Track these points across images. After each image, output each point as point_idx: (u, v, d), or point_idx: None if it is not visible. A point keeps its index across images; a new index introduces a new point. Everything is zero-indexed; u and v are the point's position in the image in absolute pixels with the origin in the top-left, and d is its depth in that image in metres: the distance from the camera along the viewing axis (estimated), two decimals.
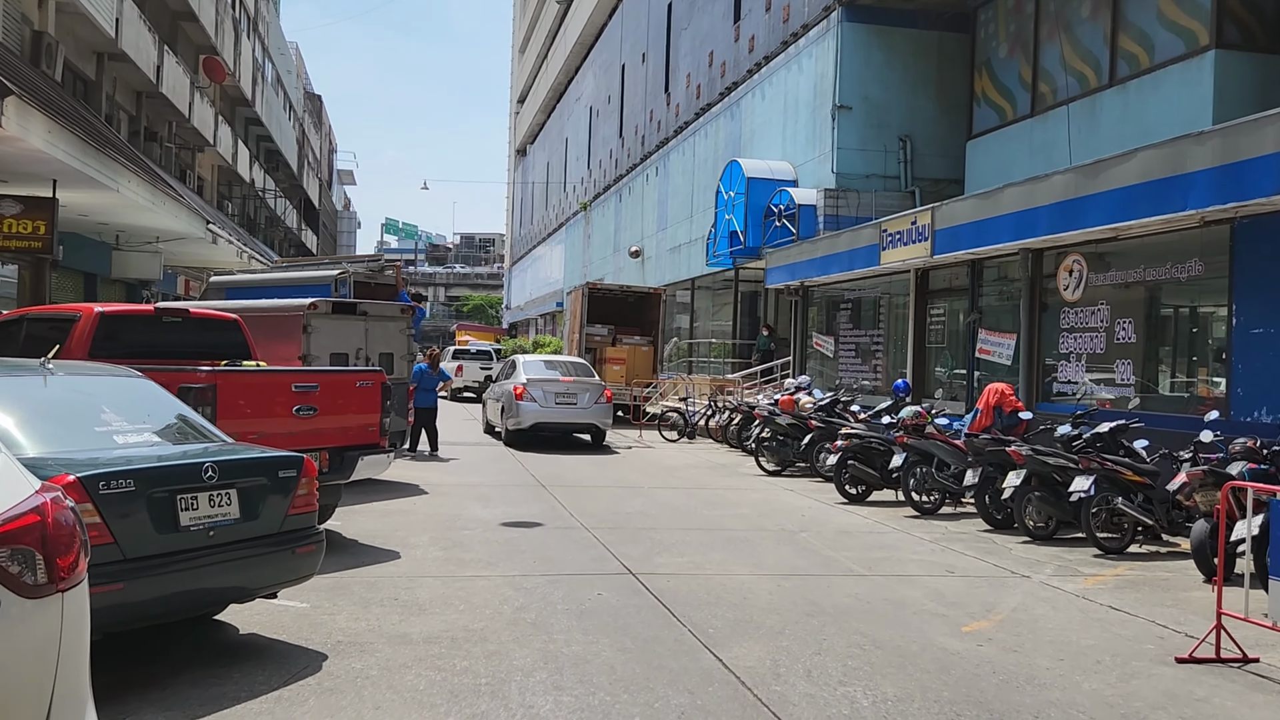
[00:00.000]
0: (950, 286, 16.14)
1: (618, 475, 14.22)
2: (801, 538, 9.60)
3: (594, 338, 25.09)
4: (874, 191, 21.81)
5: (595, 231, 46.67)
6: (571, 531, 9.49)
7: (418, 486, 12.14)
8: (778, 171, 24.32)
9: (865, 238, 17.26)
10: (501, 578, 7.44)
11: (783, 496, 12.54)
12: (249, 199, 47.58)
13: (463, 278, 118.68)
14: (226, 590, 5.16)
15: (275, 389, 7.78)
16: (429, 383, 16.19)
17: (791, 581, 7.65)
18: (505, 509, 10.69)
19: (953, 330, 16.06)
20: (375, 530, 9.12)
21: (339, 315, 11.65)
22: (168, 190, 20.34)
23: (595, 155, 49.67)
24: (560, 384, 18.11)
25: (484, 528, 9.52)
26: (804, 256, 20.03)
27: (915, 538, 9.84)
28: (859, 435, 12.41)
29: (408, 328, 12.65)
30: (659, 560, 8.27)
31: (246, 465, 5.29)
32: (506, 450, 16.95)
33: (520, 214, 75.95)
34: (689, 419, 20.40)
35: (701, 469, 15.39)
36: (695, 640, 5.96)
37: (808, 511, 11.34)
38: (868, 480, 12.23)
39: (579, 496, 11.80)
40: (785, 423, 15.07)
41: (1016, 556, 9.02)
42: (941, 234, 14.82)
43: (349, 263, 16.65)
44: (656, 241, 35.94)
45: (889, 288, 18.08)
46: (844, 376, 19.22)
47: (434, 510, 10.45)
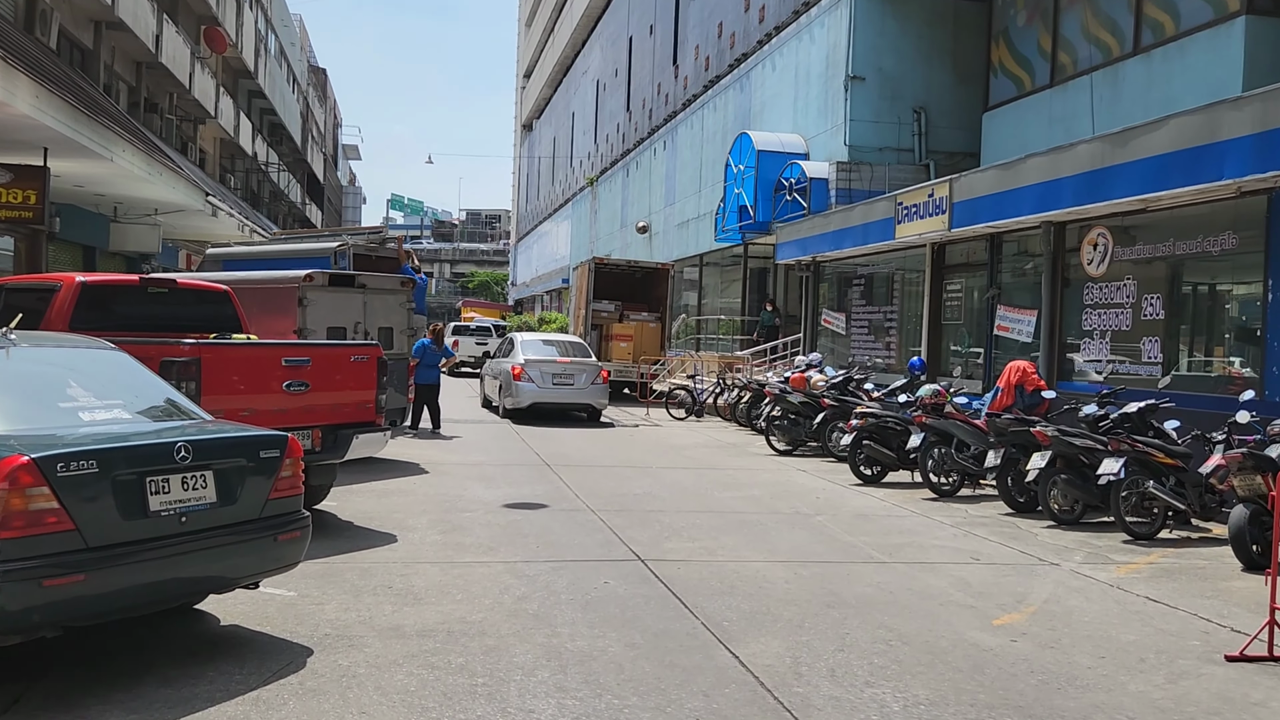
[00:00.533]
0: (968, 261, 15.65)
1: (625, 454, 13.82)
2: (817, 521, 9.20)
3: (600, 314, 24.64)
4: (887, 165, 21.30)
5: (602, 207, 46.11)
6: (577, 514, 9.09)
7: (418, 466, 11.75)
8: (788, 144, 23.78)
9: (880, 211, 16.76)
10: (503, 564, 7.04)
11: (795, 477, 12.13)
12: (252, 173, 47.08)
13: (469, 254, 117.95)
14: (201, 581, 4.76)
15: (264, 364, 7.37)
16: (431, 359, 15.77)
17: (809, 569, 7.25)
18: (508, 489, 10.29)
19: (970, 307, 15.59)
20: (372, 512, 8.74)
21: (336, 288, 11.22)
22: (165, 160, 19.89)
23: (602, 129, 49.04)
24: (558, 364, 18.28)
25: (486, 509, 9.12)
26: (816, 231, 19.54)
27: (935, 522, 9.42)
28: (874, 414, 11.98)
29: (408, 301, 12.22)
30: (669, 546, 7.87)
31: (224, 445, 4.88)
32: (510, 428, 16.56)
33: (526, 190, 75.34)
34: (697, 397, 19.98)
35: (710, 448, 14.99)
36: (709, 634, 5.56)
37: (822, 493, 10.93)
38: (884, 461, 11.81)
39: (585, 476, 11.40)
40: (797, 401, 14.64)
41: (1043, 542, 8.61)
42: (960, 207, 14.32)
43: (349, 235, 16.19)
44: (664, 217, 35.42)
45: (903, 263, 17.59)
46: (856, 354, 18.76)
47: (434, 491, 10.07)
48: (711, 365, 23.12)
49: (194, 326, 8.60)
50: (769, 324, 24.04)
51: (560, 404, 18.31)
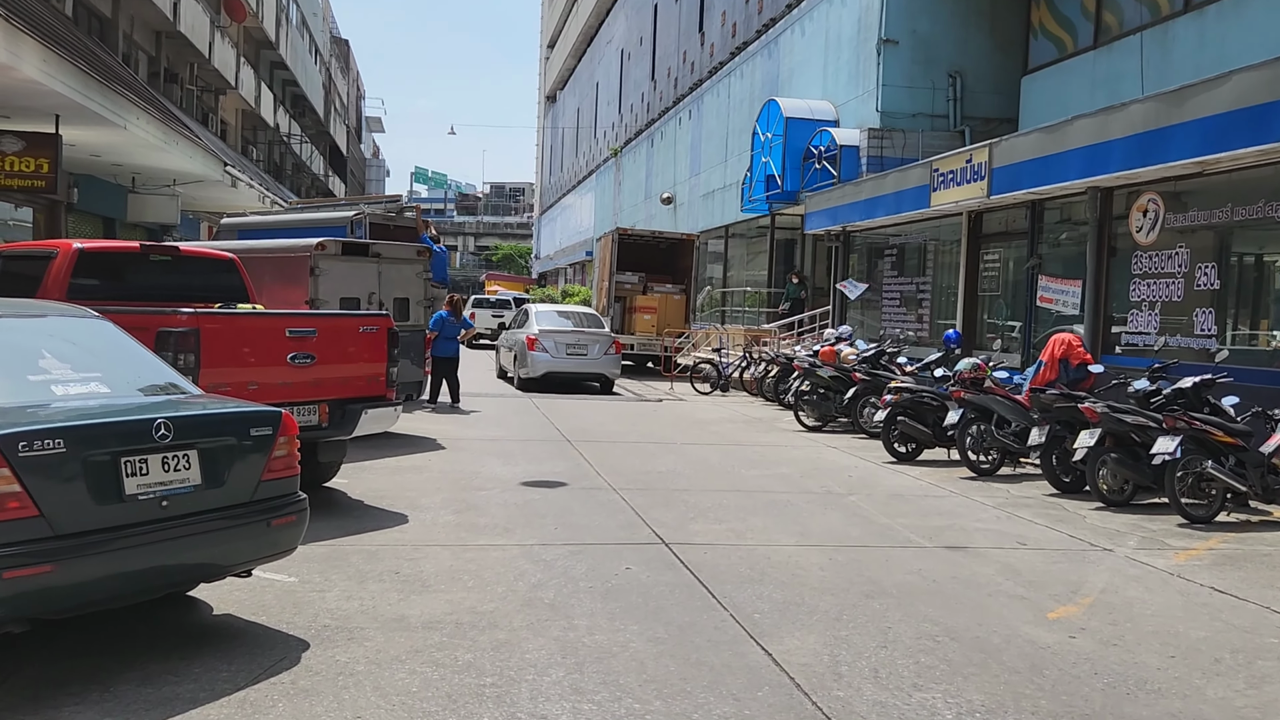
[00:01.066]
0: (1007, 230, 15.02)
1: (648, 430, 13.38)
2: (850, 502, 8.73)
3: (624, 286, 24.17)
4: (921, 131, 20.58)
5: (626, 178, 45.50)
6: (597, 493, 8.67)
7: (435, 441, 11.36)
8: (818, 111, 23.09)
9: (914, 178, 16.14)
10: (518, 547, 6.63)
11: (826, 454, 11.66)
12: (274, 144, 46.79)
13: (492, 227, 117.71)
14: (185, 570, 4.36)
15: (267, 335, 6.96)
16: (450, 331, 15.30)
17: (845, 554, 6.79)
18: (527, 466, 9.89)
19: (1008, 278, 14.98)
20: (384, 490, 8.35)
21: (349, 257, 10.81)
22: (181, 129, 19.53)
23: (626, 99, 48.34)
24: (571, 335, 18.54)
25: (502, 488, 8.72)
26: (846, 200, 18.92)
27: (976, 502, 8.93)
28: (909, 389, 11.46)
29: (425, 271, 11.80)
30: (694, 528, 7.43)
31: (210, 422, 4.47)
32: (530, 402, 16.16)
33: (550, 162, 74.73)
34: (722, 371, 19.50)
35: (737, 423, 14.52)
36: (739, 628, 5.12)
37: (854, 471, 10.45)
38: (918, 438, 11.31)
39: (606, 453, 10.98)
40: (827, 375, 14.13)
41: (1092, 526, 8.10)
42: (1000, 172, 13.70)
43: (366, 204, 15.77)
44: (689, 187, 34.80)
45: (938, 232, 16.98)
46: (886, 327, 18.19)
47: (450, 467, 9.67)
48: (737, 339, 22.61)
49: (198, 296, 8.23)
50: (794, 296, 23.45)
51: (573, 374, 18.41)
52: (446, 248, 15.96)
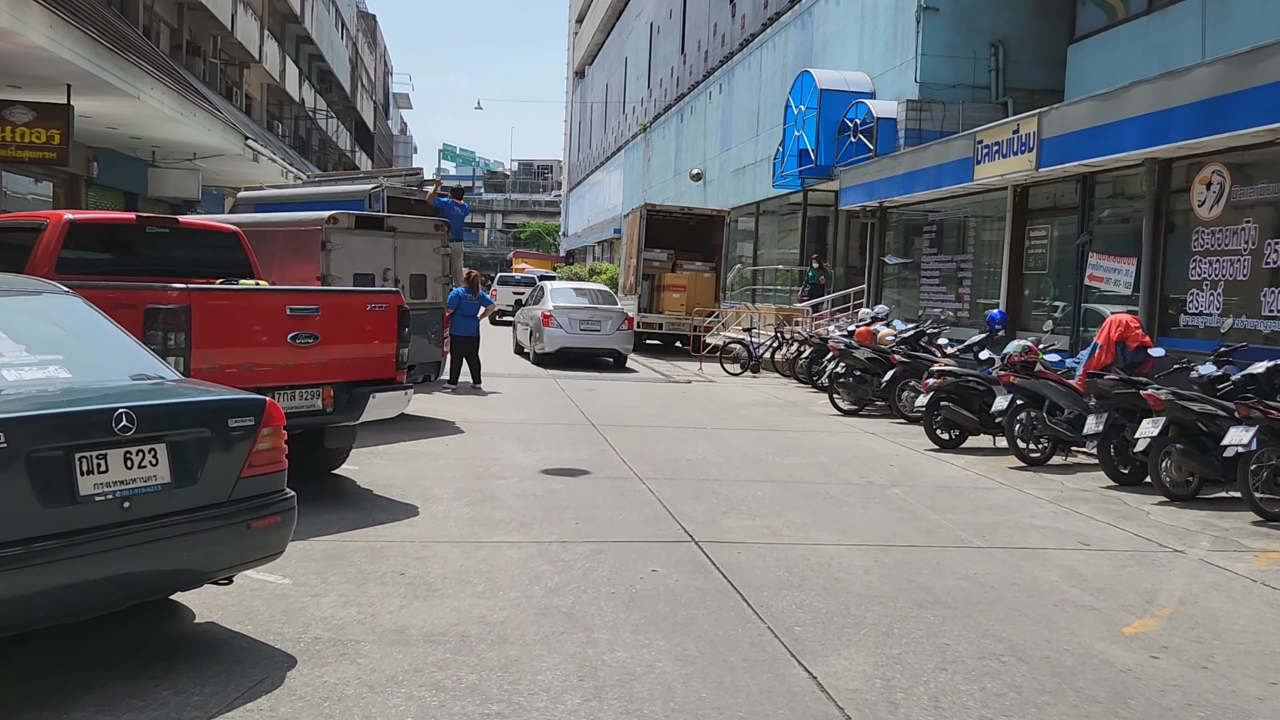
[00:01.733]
0: (1055, 205, 14.28)
1: (676, 413, 12.83)
2: (894, 494, 8.13)
3: (652, 263, 23.56)
4: (961, 103, 19.76)
5: (655, 154, 44.78)
6: (623, 483, 8.13)
7: (453, 424, 10.87)
8: (853, 83, 22.30)
9: (956, 151, 15.40)
10: (535, 545, 6.10)
11: (864, 441, 11.05)
12: (300, 120, 46.41)
13: (520, 205, 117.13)
14: (148, 580, 3.85)
15: (266, 313, 6.45)
16: (468, 309, 14.69)
17: (892, 555, 6.21)
18: (548, 452, 9.36)
19: (1055, 255, 14.24)
20: (395, 478, 7.85)
21: (363, 231, 10.30)
22: (199, 101, 19.10)
23: (655, 74, 47.53)
24: (584, 311, 18.95)
25: (521, 476, 8.20)
26: (884, 174, 18.19)
27: (1029, 496, 8.31)
28: (953, 372, 10.82)
29: (443, 246, 11.27)
30: (726, 523, 6.88)
31: (181, 412, 3.96)
32: (554, 383, 15.64)
33: (578, 138, 74.00)
34: (753, 351, 18.88)
35: (769, 407, 13.93)
36: (778, 644, 4.57)
37: (895, 460, 9.85)
38: (963, 424, 10.68)
39: (633, 438, 10.44)
40: (864, 357, 13.50)
41: (1158, 523, 7.47)
42: (1049, 144, 12.95)
43: (385, 176, 15.27)
44: (719, 163, 34.07)
45: (980, 208, 16.24)
46: (925, 306, 17.49)
47: (467, 453, 9.17)
48: (768, 318, 21.97)
49: (198, 271, 7.74)
50: (814, 281, 22.53)
51: (587, 349, 18.78)
52: (466, 205, 15.36)
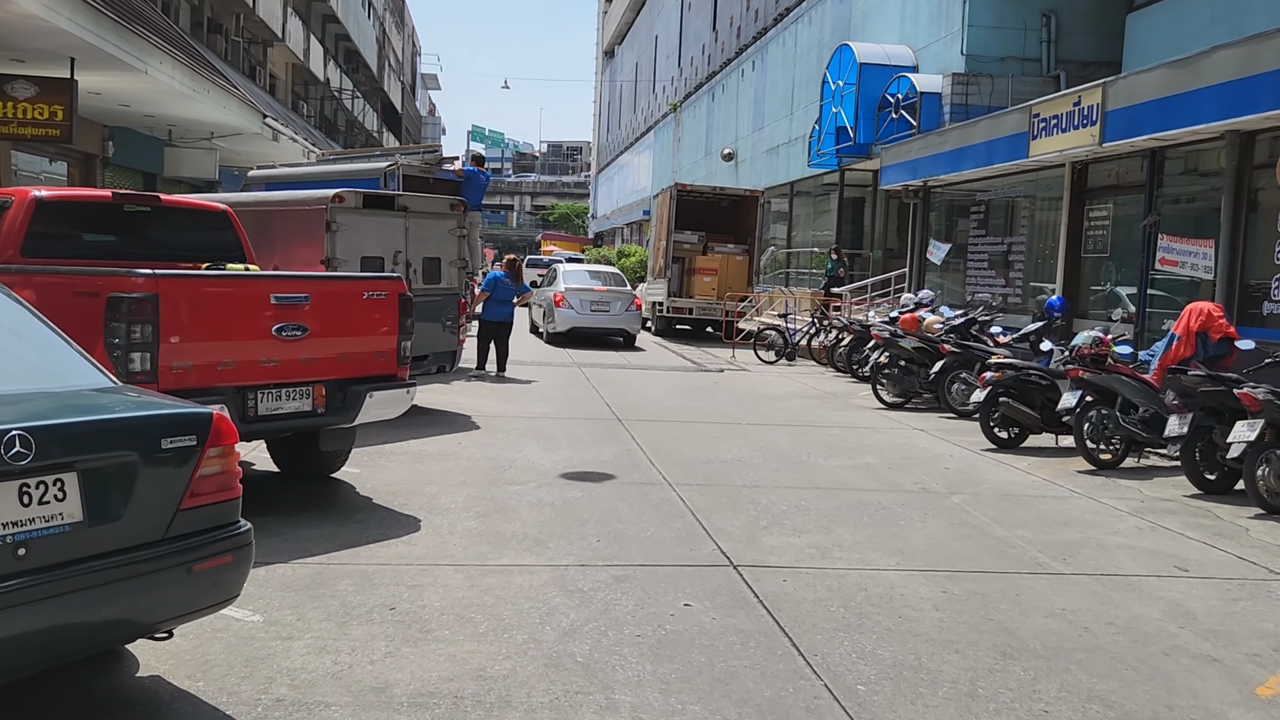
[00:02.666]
0: (1118, 183, 13.26)
1: (708, 406, 12.00)
2: (953, 504, 7.27)
3: (683, 246, 22.68)
4: (1010, 76, 18.70)
5: (685, 134, 43.78)
6: (651, 489, 7.32)
7: (469, 419, 10.11)
8: (895, 57, 21.25)
9: (1010, 125, 14.39)
10: (550, 570, 5.31)
11: (913, 439, 10.18)
12: (326, 100, 45.81)
13: (549, 186, 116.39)
14: (60, 640, 3.08)
15: (246, 302, 5.68)
16: (504, 293, 14.03)
17: (962, 584, 5.36)
18: (569, 452, 8.57)
19: (1118, 237, 13.23)
20: (399, 483, 7.10)
21: (372, 211, 9.52)
22: (213, 77, 18.40)
23: (686, 52, 46.48)
24: (595, 293, 19.69)
25: (539, 481, 7.41)
26: (929, 151, 17.19)
27: (1106, 506, 7.41)
28: (1013, 365, 9.91)
29: (459, 228, 10.47)
30: (768, 541, 6.06)
31: (97, 431, 3.18)
32: (579, 373, 14.84)
33: (607, 119, 73.07)
34: (789, 338, 17.99)
35: (808, 399, 13.06)
36: (839, 711, 3.75)
37: (950, 462, 8.97)
38: (1024, 422, 9.77)
39: (661, 435, 9.63)
40: (910, 346, 12.59)
41: (1260, 541, 6.56)
42: (1115, 116, 11.93)
43: (401, 154, 14.49)
44: (751, 143, 33.06)
45: (1034, 187, 15.22)
46: (973, 291, 16.52)
47: (481, 453, 8.39)
48: (804, 303, 21.05)
49: (183, 254, 7.01)
50: (832, 273, 21.10)
51: (596, 329, 19.49)
52: (489, 173, 14.61)
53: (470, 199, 14.33)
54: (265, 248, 9.46)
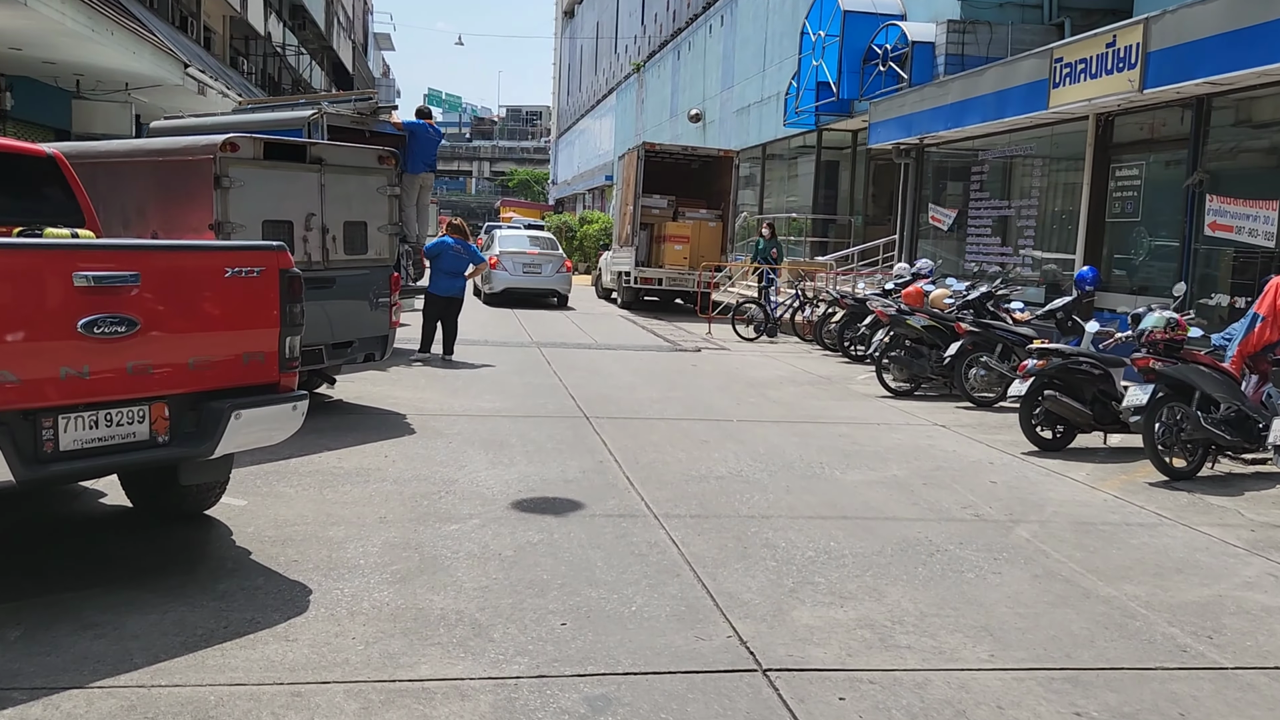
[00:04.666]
0: (1152, 137, 11.64)
1: (690, 395, 10.26)
2: (1023, 540, 5.61)
3: (651, 211, 20.86)
4: (1010, 24, 17.02)
5: (649, 95, 41.79)
6: (631, 525, 5.57)
7: (403, 419, 8.29)
8: (881, 4, 19.48)
9: (1025, 73, 12.69)
10: (490, 692, 3.54)
11: (938, 439, 8.51)
12: (269, 57, 43.13)
13: (508, 152, 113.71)
14: None
15: (33, 283, 3.81)
16: (452, 263, 12.08)
17: (1095, 697, 3.67)
18: (526, 467, 6.80)
19: (1150, 199, 11.62)
20: (296, 523, 5.30)
21: (276, 163, 7.61)
22: (118, 17, 16.19)
23: (650, 9, 44.37)
24: (527, 255, 21.07)
25: (484, 515, 5.64)
26: (926, 104, 15.46)
27: (1212, 540, 5.79)
28: (1059, 352, 8.25)
29: (390, 185, 8.59)
30: (801, 617, 4.34)
31: None
32: (536, 354, 13.02)
33: (567, 82, 70.68)
34: (771, 312, 16.28)
35: (802, 386, 11.37)
36: None
37: (994, 472, 7.32)
38: (1073, 420, 8.14)
39: (638, 439, 7.88)
40: (920, 325, 10.93)
41: None
42: (1159, 58, 10.27)
43: (330, 101, 12.52)
44: (720, 103, 31.23)
45: (1046, 145, 13.58)
46: (981, 262, 14.90)
47: (413, 470, 6.59)
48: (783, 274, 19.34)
49: None
50: (764, 253, 18.43)
51: (530, 289, 20.79)
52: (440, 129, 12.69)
53: (418, 158, 12.42)
54: (137, 211, 7.54)
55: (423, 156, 12.20)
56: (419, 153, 12.24)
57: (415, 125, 12.19)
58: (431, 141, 12.39)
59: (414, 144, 12.14)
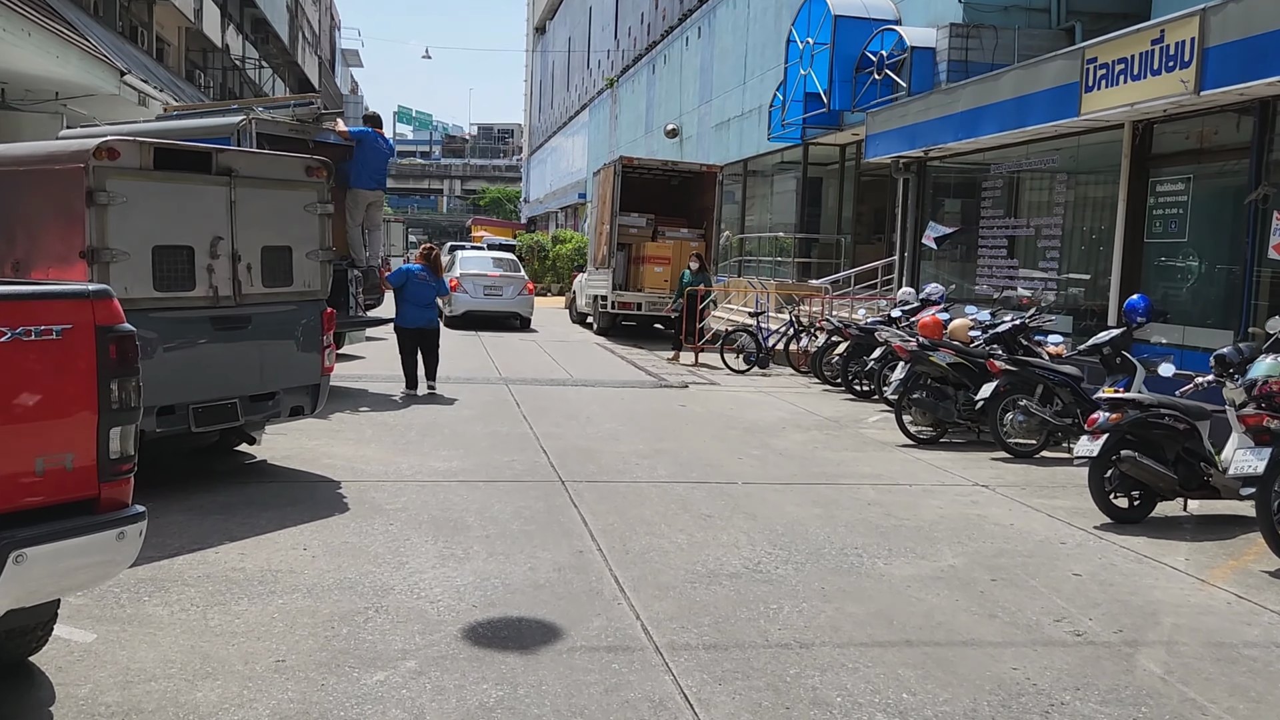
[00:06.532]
0: (1201, 146, 10.32)
1: (682, 446, 8.76)
2: (1151, 676, 4.14)
3: (629, 230, 19.39)
4: (1016, 29, 15.76)
5: (623, 111, 40.47)
6: (624, 665, 4.06)
7: (336, 487, 6.73)
8: (874, 9, 18.21)
9: (1052, 75, 11.34)
10: None
11: (986, 505, 7.05)
12: (229, 71, 41.46)
13: (479, 170, 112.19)
14: None
15: None
16: (419, 293, 11.07)
17: None
18: (484, 563, 5.27)
19: (1201, 217, 10.30)
20: (158, 674, 3.74)
21: (173, 174, 6.09)
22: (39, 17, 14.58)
23: (624, 22, 43.15)
24: (488, 278, 20.52)
25: (423, 654, 4.10)
26: (932, 113, 14.11)
27: None
28: (1135, 402, 6.82)
29: (321, 201, 7.07)
30: None
31: None
32: (507, 392, 11.47)
33: (539, 99, 69.41)
34: (763, 341, 14.83)
35: (808, 431, 9.89)
36: None
37: (1073, 557, 5.85)
38: (1156, 484, 6.71)
39: (626, 514, 6.37)
40: (946, 363, 9.51)
41: None
42: (1220, 54, 8.93)
43: (265, 106, 10.99)
44: (698, 117, 29.94)
45: (1070, 157, 12.25)
46: (985, 286, 13.54)
47: (337, 573, 5.04)
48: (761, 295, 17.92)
49: None
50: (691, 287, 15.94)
51: (491, 312, 20.24)
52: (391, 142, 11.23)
53: (366, 171, 10.94)
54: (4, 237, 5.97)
55: (371, 170, 10.73)
56: (367, 166, 10.77)
57: (363, 134, 10.72)
58: (381, 154, 10.94)
59: (362, 155, 10.68)
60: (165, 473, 6.82)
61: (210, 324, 6.34)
